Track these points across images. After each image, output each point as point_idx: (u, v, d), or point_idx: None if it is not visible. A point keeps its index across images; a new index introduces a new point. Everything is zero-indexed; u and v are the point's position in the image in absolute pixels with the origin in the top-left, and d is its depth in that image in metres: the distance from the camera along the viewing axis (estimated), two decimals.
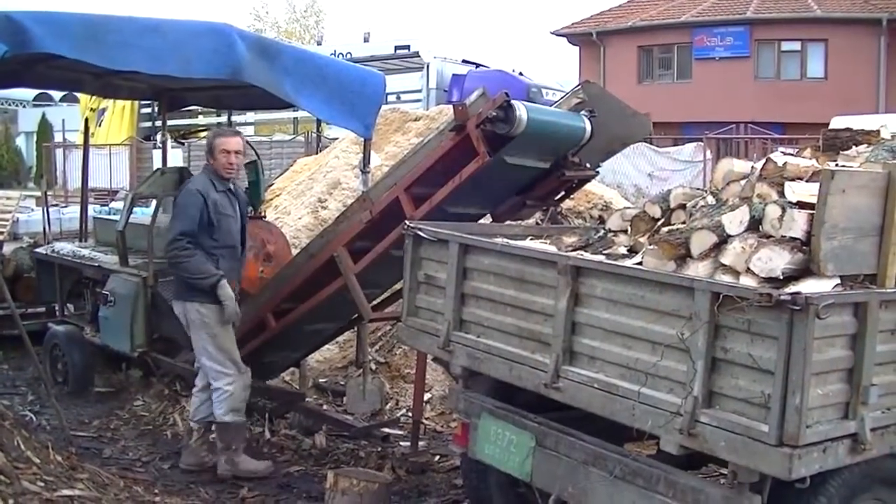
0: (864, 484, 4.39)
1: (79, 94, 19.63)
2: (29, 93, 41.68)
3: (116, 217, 9.18)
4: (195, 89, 9.64)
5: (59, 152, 29.92)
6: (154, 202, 8.92)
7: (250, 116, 27.34)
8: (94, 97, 16.22)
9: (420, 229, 5.75)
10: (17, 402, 8.62)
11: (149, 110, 25.04)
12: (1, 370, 9.79)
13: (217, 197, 7.03)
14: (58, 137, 32.79)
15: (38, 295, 10.43)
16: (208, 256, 6.96)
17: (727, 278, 4.39)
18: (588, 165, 7.03)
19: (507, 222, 7.19)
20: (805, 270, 4.28)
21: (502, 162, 6.37)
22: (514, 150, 6.35)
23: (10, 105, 47.59)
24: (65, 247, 10.14)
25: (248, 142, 12.07)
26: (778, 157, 5.03)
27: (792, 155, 5.31)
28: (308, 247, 7.83)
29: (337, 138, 17.34)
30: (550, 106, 7.15)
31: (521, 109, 6.14)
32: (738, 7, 36.40)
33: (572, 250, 5.34)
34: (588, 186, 9.75)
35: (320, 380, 9.62)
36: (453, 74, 26.27)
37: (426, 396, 8.59)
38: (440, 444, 8.04)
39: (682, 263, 4.68)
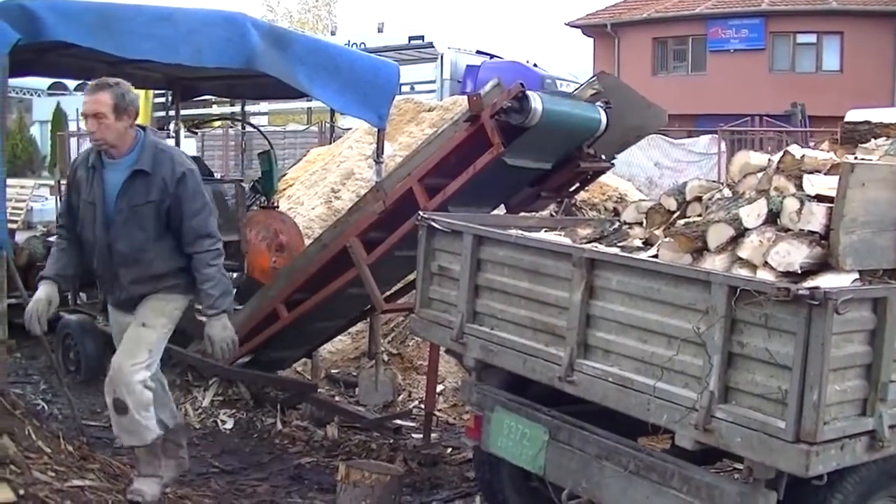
0: (881, 481, 4.35)
1: None
2: (43, 82, 41.73)
3: None
4: (208, 78, 9.64)
5: (73, 141, 29.84)
6: None
7: (264, 106, 27.41)
8: None
9: (434, 220, 5.71)
10: (29, 391, 8.61)
11: (162, 100, 25.07)
12: (13, 359, 9.78)
13: (82, 174, 5.58)
14: (72, 126, 32.73)
15: None
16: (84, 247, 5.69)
17: (744, 272, 4.35)
18: (603, 157, 7.00)
19: (522, 214, 7.17)
20: (823, 265, 4.24)
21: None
22: (525, 143, 6.31)
23: (24, 94, 47.61)
24: None
25: (261, 131, 12.07)
26: (796, 149, 4.98)
27: (809, 148, 5.25)
28: (321, 237, 7.80)
29: (350, 128, 17.34)
30: (566, 97, 7.12)
31: (537, 100, 6.11)
32: None
33: (587, 242, 5.30)
34: (603, 178, 9.70)
35: (332, 371, 9.61)
36: (467, 65, 26.26)
37: (439, 388, 8.57)
38: (452, 436, 8.02)
39: (698, 257, 4.65)
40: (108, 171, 5.44)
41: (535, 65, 26.94)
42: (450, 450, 7.69)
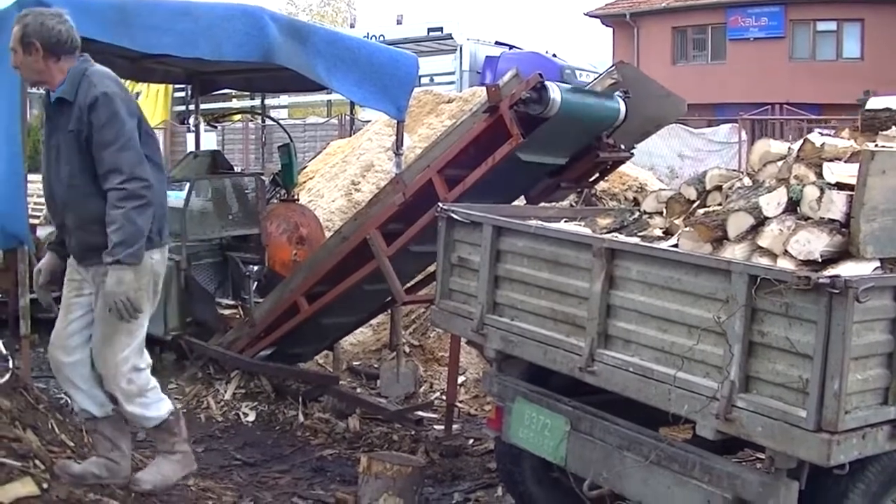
0: None
1: None
2: None
3: None
4: (228, 72, 9.66)
5: None
6: (187, 185, 8.94)
7: (284, 99, 27.42)
8: (127, 81, 16.25)
9: (453, 211, 5.71)
10: (52, 386, 8.61)
11: (183, 94, 25.16)
12: (36, 353, 9.82)
13: (44, 113, 5.15)
14: None
15: None
16: None
17: (764, 261, 4.33)
18: (622, 147, 6.99)
19: (541, 204, 7.16)
20: (844, 253, 4.21)
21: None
22: (542, 135, 6.31)
23: (45, 90, 47.78)
24: None
25: (280, 124, 12.06)
26: (816, 137, 4.95)
27: (829, 136, 5.22)
28: (341, 230, 7.81)
29: (370, 121, 17.33)
30: (584, 87, 7.11)
31: (555, 90, 6.11)
32: None
33: (607, 232, 5.29)
34: (622, 168, 9.69)
35: (354, 363, 9.63)
36: (486, 56, 26.22)
37: (460, 379, 8.58)
38: (474, 427, 8.02)
39: (718, 246, 4.62)
40: (51, 106, 5.03)
41: (554, 55, 26.87)
42: (471, 441, 7.70)
